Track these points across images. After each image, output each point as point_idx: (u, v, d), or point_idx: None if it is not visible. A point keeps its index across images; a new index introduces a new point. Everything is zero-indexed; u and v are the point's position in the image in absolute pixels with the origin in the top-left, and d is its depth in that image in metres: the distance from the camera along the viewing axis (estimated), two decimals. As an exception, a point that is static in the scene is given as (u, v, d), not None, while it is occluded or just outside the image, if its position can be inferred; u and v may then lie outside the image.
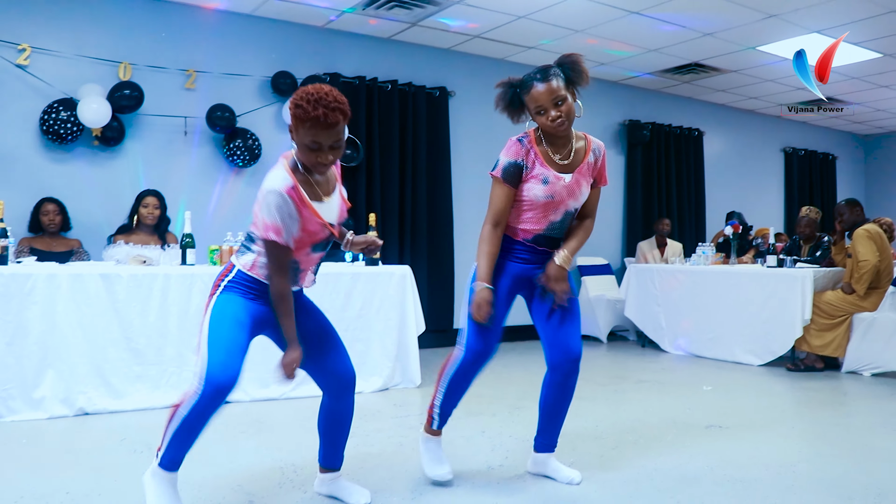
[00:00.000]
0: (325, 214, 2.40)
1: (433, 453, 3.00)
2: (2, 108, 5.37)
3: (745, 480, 2.99)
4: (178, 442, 2.37)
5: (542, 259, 2.90)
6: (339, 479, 2.77)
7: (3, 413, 3.87)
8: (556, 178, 2.77)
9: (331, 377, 2.62)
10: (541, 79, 2.68)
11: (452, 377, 2.93)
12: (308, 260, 2.48)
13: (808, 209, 6.46)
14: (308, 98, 2.23)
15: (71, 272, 4.05)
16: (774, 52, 7.16)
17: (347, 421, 2.71)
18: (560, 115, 2.67)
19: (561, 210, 2.83)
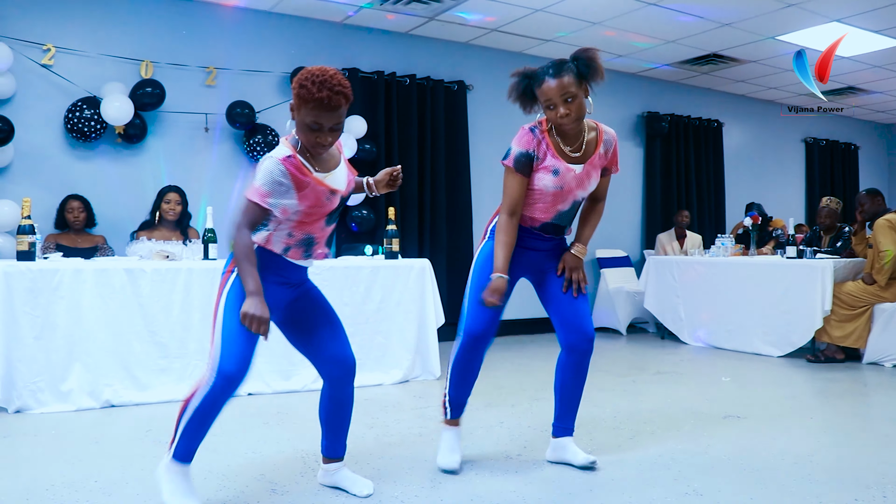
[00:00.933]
0: (331, 185, 2.44)
1: (448, 443, 3.05)
2: (28, 107, 5.47)
3: (762, 470, 3.00)
4: (190, 433, 2.42)
5: (550, 245, 2.96)
6: (342, 469, 2.77)
7: (33, 405, 3.96)
8: (567, 169, 2.80)
9: (331, 364, 2.62)
10: (552, 74, 2.68)
11: (455, 364, 2.99)
12: (322, 233, 2.52)
13: (829, 199, 6.42)
14: (313, 79, 2.27)
15: (96, 267, 4.13)
16: (794, 41, 7.10)
17: (348, 409, 2.72)
18: (568, 112, 2.68)
19: (569, 200, 2.88)
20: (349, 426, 2.77)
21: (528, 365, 5.43)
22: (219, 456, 3.13)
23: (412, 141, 6.93)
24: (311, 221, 2.44)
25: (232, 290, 2.41)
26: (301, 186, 2.34)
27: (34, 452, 3.26)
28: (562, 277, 2.96)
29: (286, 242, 2.45)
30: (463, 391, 3.04)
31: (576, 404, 3.08)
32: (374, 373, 4.81)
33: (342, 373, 2.64)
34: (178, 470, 2.47)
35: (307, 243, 2.49)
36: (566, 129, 2.76)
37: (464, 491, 2.77)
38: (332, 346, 2.61)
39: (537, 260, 2.96)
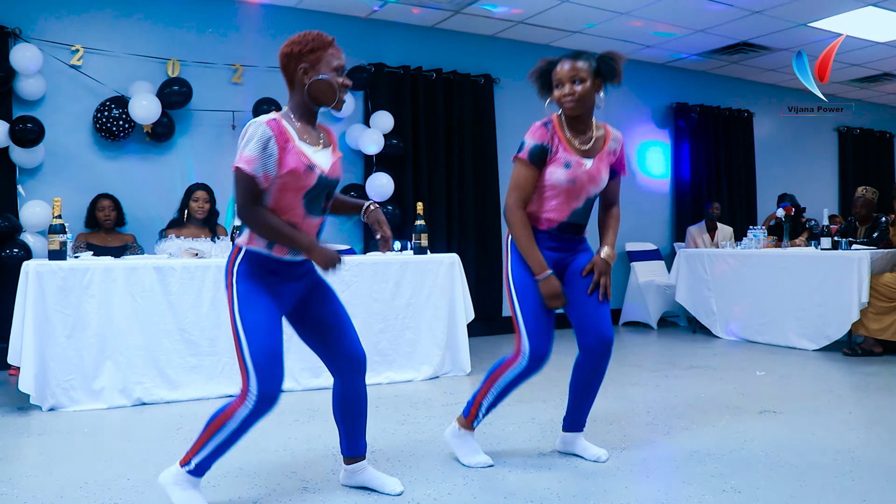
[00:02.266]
0: (312, 158, 2.38)
1: (469, 445, 3.03)
2: (58, 107, 5.51)
3: (801, 466, 2.94)
4: (219, 451, 2.42)
5: (570, 245, 2.94)
6: (366, 469, 2.72)
7: (66, 403, 3.98)
8: (578, 163, 2.82)
9: (341, 360, 2.58)
10: (570, 57, 2.79)
11: (508, 383, 2.93)
12: (306, 224, 2.43)
13: (865, 189, 6.30)
14: (314, 35, 2.39)
15: (126, 265, 4.15)
16: (827, 27, 6.95)
17: (363, 405, 2.67)
18: (572, 93, 2.75)
19: (582, 196, 2.87)
20: (366, 423, 2.72)
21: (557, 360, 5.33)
22: (250, 454, 3.13)
23: (439, 135, 6.89)
24: (289, 206, 2.37)
25: (241, 295, 2.36)
26: (283, 151, 2.30)
27: (68, 450, 3.28)
28: (584, 278, 2.92)
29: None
30: (499, 404, 3.02)
31: (588, 403, 3.08)
32: (404, 369, 4.79)
33: (352, 369, 2.60)
34: (191, 482, 2.45)
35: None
36: (566, 110, 2.80)
37: (497, 488, 2.74)
38: (341, 342, 2.58)
39: (558, 260, 2.93)
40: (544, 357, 2.87)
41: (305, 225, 2.42)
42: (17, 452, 3.30)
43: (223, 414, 2.37)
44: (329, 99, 2.40)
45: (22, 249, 5.03)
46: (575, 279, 2.93)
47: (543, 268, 2.80)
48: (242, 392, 2.34)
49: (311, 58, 2.36)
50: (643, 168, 8.29)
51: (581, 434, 3.11)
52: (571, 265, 2.95)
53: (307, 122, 2.45)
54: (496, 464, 3.00)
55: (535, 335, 2.83)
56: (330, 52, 2.37)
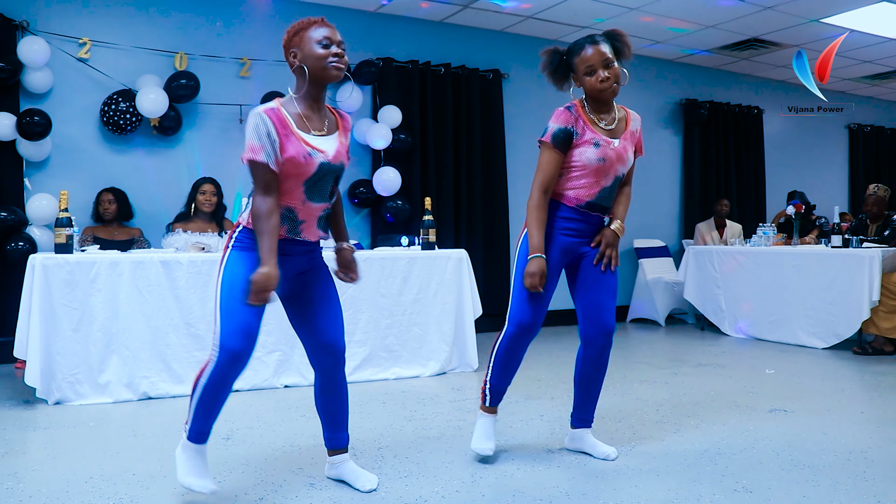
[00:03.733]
0: (314, 143, 2.38)
1: (484, 429, 3.03)
2: (65, 101, 5.50)
3: (813, 466, 2.90)
4: (201, 413, 2.43)
5: (591, 230, 2.95)
6: (347, 462, 2.72)
7: (72, 397, 3.97)
8: (606, 141, 2.85)
9: (321, 350, 2.57)
10: (591, 42, 2.82)
11: (499, 352, 2.97)
12: (305, 210, 2.42)
13: (876, 186, 6.24)
14: (299, 21, 2.43)
15: (132, 259, 4.13)
16: (839, 23, 6.90)
17: (343, 397, 2.67)
18: (608, 76, 2.79)
19: (611, 175, 2.88)
20: (348, 415, 2.72)
21: (566, 357, 5.34)
22: (256, 449, 3.11)
23: (447, 130, 6.86)
24: (289, 189, 2.36)
25: (228, 264, 2.39)
26: (283, 138, 2.32)
27: (73, 444, 3.26)
28: (595, 269, 2.93)
29: None
30: (504, 380, 3.02)
31: (594, 397, 3.08)
32: (411, 365, 4.77)
33: (331, 359, 2.59)
34: (193, 449, 2.48)
35: (290, 219, 2.40)
36: (604, 95, 2.83)
37: (505, 485, 2.71)
38: (325, 331, 2.56)
39: (575, 246, 2.93)
40: (527, 325, 2.88)
41: (305, 210, 2.42)
42: (23, 446, 3.29)
43: (199, 373, 2.40)
44: (321, 72, 2.40)
45: (27, 243, 5.02)
46: (587, 269, 2.94)
47: (537, 250, 2.80)
48: (211, 347, 2.36)
49: (296, 40, 2.40)
50: (652, 164, 8.24)
51: (590, 431, 3.09)
52: (586, 257, 2.94)
53: (310, 107, 2.44)
54: (505, 461, 2.98)
55: (521, 302, 2.87)
56: (312, 27, 2.39)
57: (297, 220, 2.42)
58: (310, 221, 2.45)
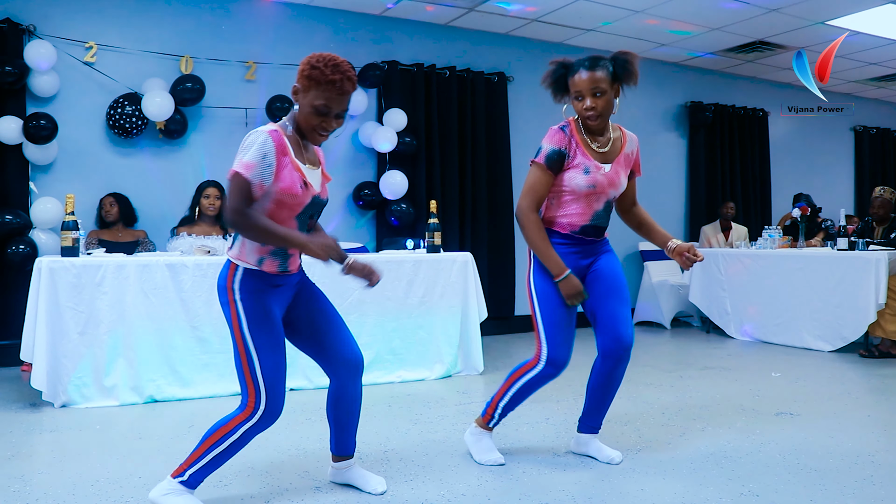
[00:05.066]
0: (307, 176, 2.36)
1: (485, 444, 3.04)
2: (71, 104, 5.51)
3: (820, 470, 2.89)
4: (215, 463, 2.42)
5: (589, 248, 2.92)
6: (353, 466, 2.72)
7: (78, 400, 3.98)
8: (597, 167, 2.82)
9: (338, 363, 2.55)
10: (587, 66, 2.75)
11: (526, 386, 2.94)
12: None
13: (882, 189, 6.23)
14: (326, 62, 2.29)
15: (138, 262, 4.14)
16: (845, 25, 6.88)
17: (357, 406, 2.66)
18: (594, 106, 2.75)
19: (602, 199, 2.87)
20: (358, 423, 2.71)
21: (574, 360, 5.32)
22: (262, 452, 3.11)
23: (452, 133, 6.86)
24: (282, 222, 2.33)
25: (250, 319, 2.33)
26: (280, 165, 2.27)
27: (79, 447, 3.27)
28: (606, 280, 2.92)
29: (259, 252, 2.35)
30: (516, 406, 3.03)
31: (605, 407, 3.07)
32: (417, 368, 4.77)
33: (350, 370, 2.57)
34: (184, 492, 2.43)
35: (280, 253, 2.38)
36: (589, 123, 2.80)
37: (512, 489, 2.71)
38: (337, 345, 2.54)
39: (578, 263, 2.91)
40: (563, 363, 2.87)
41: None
42: (30, 449, 3.29)
43: (225, 426, 2.37)
44: (305, 131, 2.37)
45: (28, 246, 5.02)
46: (597, 280, 2.92)
47: (562, 268, 2.79)
48: (248, 405, 2.34)
49: (304, 83, 2.32)
50: (657, 167, 8.23)
51: (596, 436, 3.09)
52: (594, 266, 2.93)
53: (301, 138, 2.41)
54: (511, 464, 2.98)
55: (554, 341, 2.84)
56: (322, 87, 2.28)
57: (287, 253, 2.40)
58: (295, 254, 2.44)
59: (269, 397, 2.32)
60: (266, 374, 2.32)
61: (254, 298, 2.34)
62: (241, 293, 2.34)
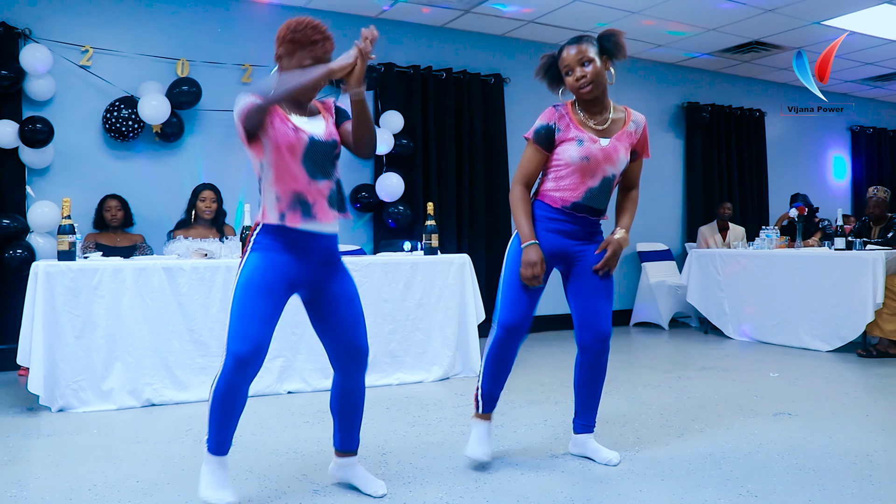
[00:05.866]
0: (297, 123, 2.38)
1: (478, 435, 3.02)
2: (67, 108, 5.50)
3: (818, 470, 2.89)
4: (216, 422, 2.42)
5: (580, 231, 2.90)
6: (356, 465, 2.72)
7: (75, 404, 3.97)
8: (592, 140, 2.81)
9: (344, 352, 2.55)
10: (573, 42, 2.80)
11: (489, 357, 2.96)
12: (311, 189, 2.40)
13: (876, 188, 6.24)
14: (306, 25, 2.40)
15: (135, 266, 4.13)
16: (842, 25, 6.89)
17: (360, 400, 2.66)
18: (584, 75, 2.76)
19: (598, 175, 2.84)
20: (362, 419, 2.71)
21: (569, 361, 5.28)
22: (260, 455, 3.11)
23: (449, 135, 6.86)
24: (292, 171, 2.35)
25: (248, 263, 2.38)
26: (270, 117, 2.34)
27: (77, 451, 3.26)
28: (591, 276, 2.90)
29: (278, 208, 2.37)
30: (496, 385, 3.01)
31: (594, 402, 3.07)
32: (414, 370, 4.76)
33: (354, 362, 2.57)
34: (214, 462, 2.47)
35: (300, 203, 2.37)
36: (583, 93, 2.80)
37: (510, 491, 2.70)
38: (348, 334, 2.54)
39: (567, 247, 2.90)
40: (514, 328, 2.87)
41: (312, 190, 2.40)
42: (27, 453, 3.28)
43: (212, 384, 2.39)
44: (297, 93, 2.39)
45: (25, 250, 5.01)
46: (582, 275, 2.91)
47: (527, 237, 2.80)
48: (222, 354, 2.36)
49: (288, 47, 2.38)
50: (654, 168, 8.23)
51: (592, 436, 3.08)
52: (583, 261, 2.91)
53: (291, 101, 2.43)
54: (509, 466, 2.97)
55: (507, 304, 2.87)
56: (307, 49, 2.36)
57: (308, 202, 2.39)
58: (320, 201, 2.42)
59: (231, 339, 2.31)
60: (235, 316, 2.32)
61: (263, 251, 2.37)
62: (255, 244, 2.40)
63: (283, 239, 2.39)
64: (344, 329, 2.54)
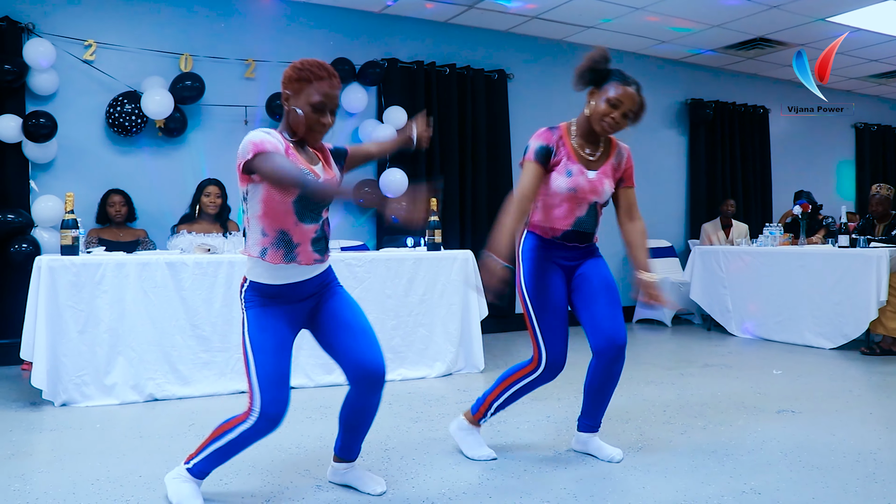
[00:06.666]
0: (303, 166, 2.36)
1: (474, 439, 3.07)
2: (70, 102, 5.50)
3: (822, 467, 2.89)
4: (216, 458, 2.44)
5: (574, 255, 2.93)
6: (353, 468, 2.71)
7: (78, 399, 3.97)
8: (580, 171, 2.83)
9: (360, 370, 2.47)
10: (635, 85, 2.78)
11: (523, 388, 2.97)
12: (299, 231, 2.37)
13: (879, 186, 6.22)
14: (311, 64, 2.37)
15: (138, 261, 4.13)
16: (846, 22, 6.87)
17: (371, 417, 2.61)
18: (619, 122, 2.76)
19: (584, 205, 2.87)
20: (367, 432, 2.68)
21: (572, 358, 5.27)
22: (263, 451, 3.11)
23: (453, 131, 6.85)
24: (281, 211, 2.32)
25: (250, 328, 2.37)
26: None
27: (80, 446, 3.26)
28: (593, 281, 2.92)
29: (262, 243, 2.35)
30: (510, 405, 3.06)
31: (603, 406, 3.07)
32: (417, 366, 4.76)
33: (371, 381, 2.49)
34: (191, 481, 2.49)
35: (284, 243, 2.35)
36: (601, 132, 2.81)
37: (513, 487, 2.70)
38: (360, 353, 2.48)
39: (565, 265, 2.93)
40: (561, 366, 2.90)
41: (298, 232, 2.37)
42: (30, 448, 3.29)
43: (228, 423, 2.39)
44: (301, 131, 2.37)
45: (31, 245, 5.01)
46: (584, 283, 2.92)
47: (498, 253, 2.68)
48: (247, 408, 2.35)
49: (295, 87, 2.35)
50: (658, 165, 8.22)
51: (596, 434, 3.09)
52: (580, 270, 2.93)
53: (297, 143, 2.42)
54: (512, 462, 2.98)
55: (551, 344, 2.86)
56: (315, 85, 2.32)
57: (293, 242, 2.36)
58: (304, 244, 2.38)
59: (264, 401, 2.31)
60: (261, 378, 2.32)
61: (258, 305, 2.38)
62: (247, 301, 2.40)
63: (269, 295, 2.39)
64: (353, 349, 2.48)
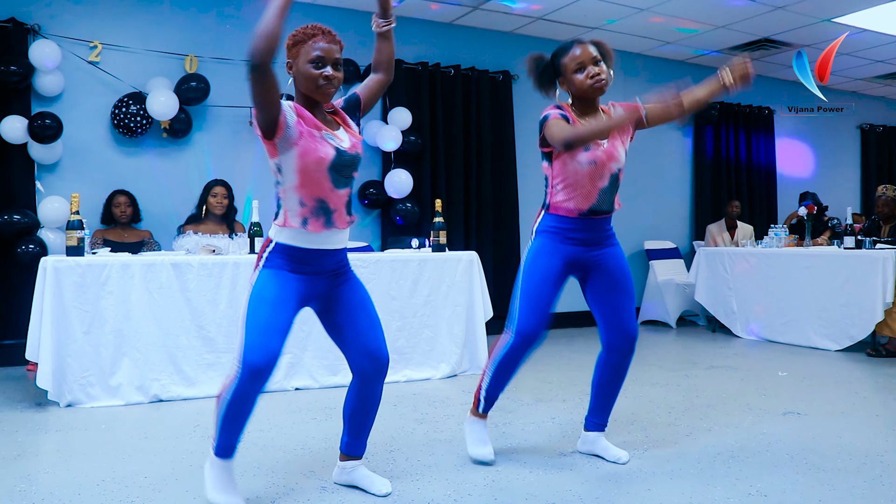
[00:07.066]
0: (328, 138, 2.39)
1: (477, 434, 3.03)
2: (75, 103, 5.51)
3: (829, 470, 2.88)
4: (226, 428, 2.41)
5: (596, 237, 2.88)
6: (359, 468, 2.71)
7: (84, 399, 3.97)
8: (596, 144, 2.79)
9: (364, 358, 2.52)
10: (578, 42, 2.81)
11: (500, 362, 2.93)
12: (335, 197, 2.41)
13: (885, 187, 6.21)
14: (304, 26, 2.44)
15: (143, 262, 4.14)
16: (852, 23, 6.86)
17: (374, 407, 2.63)
18: (601, 72, 2.76)
19: (606, 175, 2.83)
20: (372, 425, 2.69)
21: (577, 359, 5.32)
22: (267, 452, 3.11)
23: (457, 132, 6.86)
24: (317, 179, 2.35)
25: (261, 277, 2.38)
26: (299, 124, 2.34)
27: (85, 447, 3.26)
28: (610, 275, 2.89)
29: (301, 214, 2.37)
30: (499, 388, 3.01)
31: (611, 403, 3.06)
32: (422, 367, 4.76)
33: (374, 368, 2.54)
34: (220, 465, 2.46)
35: (323, 210, 2.39)
36: (595, 92, 2.80)
37: (518, 489, 2.69)
38: (367, 339, 2.53)
39: (583, 255, 2.88)
40: (532, 337, 2.84)
41: (334, 198, 2.40)
42: (35, 448, 3.29)
43: (221, 389, 2.38)
44: (310, 90, 2.41)
45: (38, 245, 5.03)
46: (601, 276, 2.90)
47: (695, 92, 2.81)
48: (233, 363, 2.34)
49: (293, 52, 2.42)
50: (662, 165, 8.21)
51: (603, 434, 3.08)
52: (598, 260, 2.89)
53: (311, 108, 2.45)
54: (517, 464, 2.97)
55: (525, 313, 2.83)
56: (309, 43, 2.39)
57: (330, 209, 2.40)
58: (339, 209, 2.43)
59: (247, 350, 2.28)
60: (250, 327, 2.31)
61: (275, 271, 2.38)
62: (264, 267, 2.40)
63: (295, 258, 2.39)
64: (361, 335, 2.52)
